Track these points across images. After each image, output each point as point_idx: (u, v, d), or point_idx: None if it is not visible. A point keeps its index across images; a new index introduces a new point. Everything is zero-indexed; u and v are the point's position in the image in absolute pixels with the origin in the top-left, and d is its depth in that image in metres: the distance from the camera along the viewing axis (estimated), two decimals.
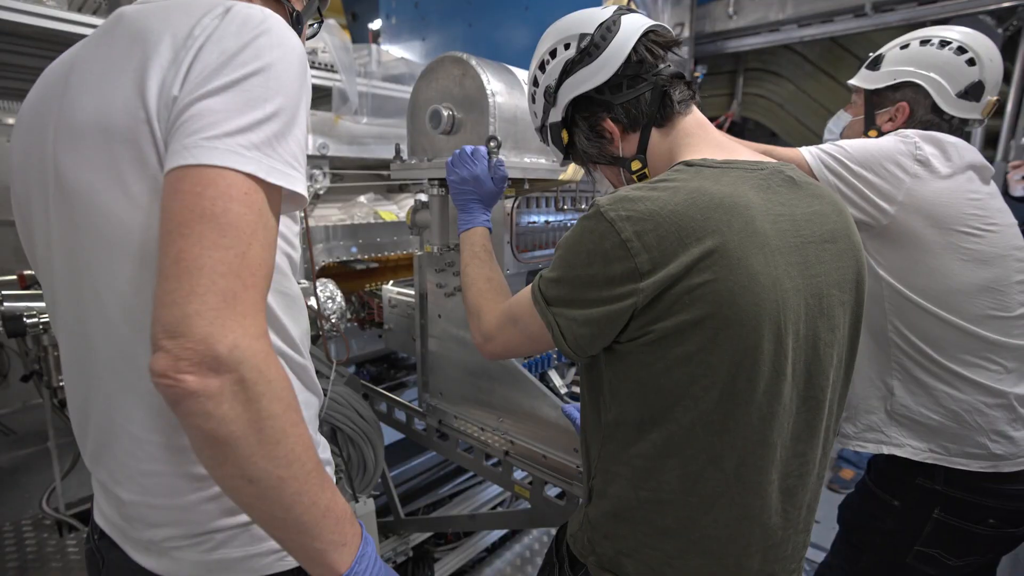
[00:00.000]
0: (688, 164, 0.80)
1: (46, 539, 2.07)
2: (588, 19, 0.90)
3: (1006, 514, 1.21)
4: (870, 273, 1.25)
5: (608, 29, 0.87)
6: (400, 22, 4.38)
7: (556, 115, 0.96)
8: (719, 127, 3.75)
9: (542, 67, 0.95)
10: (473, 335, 1.02)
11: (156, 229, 0.58)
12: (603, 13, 0.90)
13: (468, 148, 1.21)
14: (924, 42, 1.31)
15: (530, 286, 0.85)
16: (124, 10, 0.66)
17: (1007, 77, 3.52)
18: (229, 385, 0.53)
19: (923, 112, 1.30)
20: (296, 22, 0.82)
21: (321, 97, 2.26)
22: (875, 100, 1.37)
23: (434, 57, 1.42)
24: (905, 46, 1.34)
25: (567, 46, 0.91)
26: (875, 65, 1.38)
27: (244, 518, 0.72)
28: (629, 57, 0.86)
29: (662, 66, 0.88)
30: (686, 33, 3.67)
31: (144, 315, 0.62)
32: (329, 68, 2.19)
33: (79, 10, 1.92)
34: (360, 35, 6.16)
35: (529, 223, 1.56)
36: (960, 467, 1.20)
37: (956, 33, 1.29)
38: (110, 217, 0.62)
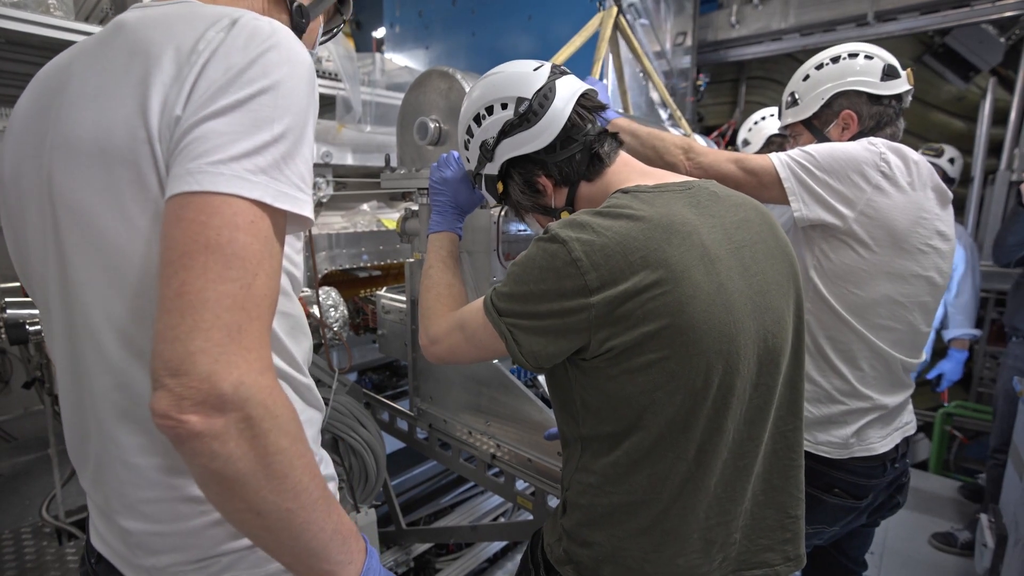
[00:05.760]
0: (624, 191, 0.86)
1: (45, 547, 2.05)
2: (525, 82, 0.94)
3: (849, 486, 1.35)
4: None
5: (545, 96, 0.92)
6: (404, 31, 4.40)
7: (492, 169, 1.00)
8: (722, 135, 3.76)
9: (477, 120, 0.99)
10: (420, 336, 1.05)
11: (156, 255, 0.55)
12: (539, 77, 0.94)
13: (455, 153, 1.22)
14: (819, 67, 1.45)
15: (482, 298, 0.89)
16: (124, 18, 0.62)
17: (1010, 86, 3.52)
18: (234, 423, 0.51)
19: (867, 108, 1.40)
20: (300, 15, 0.77)
21: (325, 106, 2.26)
22: (817, 124, 1.48)
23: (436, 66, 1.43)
24: (807, 77, 1.48)
25: (504, 106, 0.95)
26: (795, 101, 1.51)
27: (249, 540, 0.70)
28: (564, 123, 0.91)
29: (590, 127, 0.93)
30: (689, 42, 3.68)
31: (142, 342, 0.61)
32: (333, 77, 2.20)
33: (86, 19, 1.94)
34: (364, 44, 6.20)
35: (518, 231, 1.57)
36: (823, 454, 1.34)
37: (839, 48, 1.45)
38: (108, 241, 0.59)
